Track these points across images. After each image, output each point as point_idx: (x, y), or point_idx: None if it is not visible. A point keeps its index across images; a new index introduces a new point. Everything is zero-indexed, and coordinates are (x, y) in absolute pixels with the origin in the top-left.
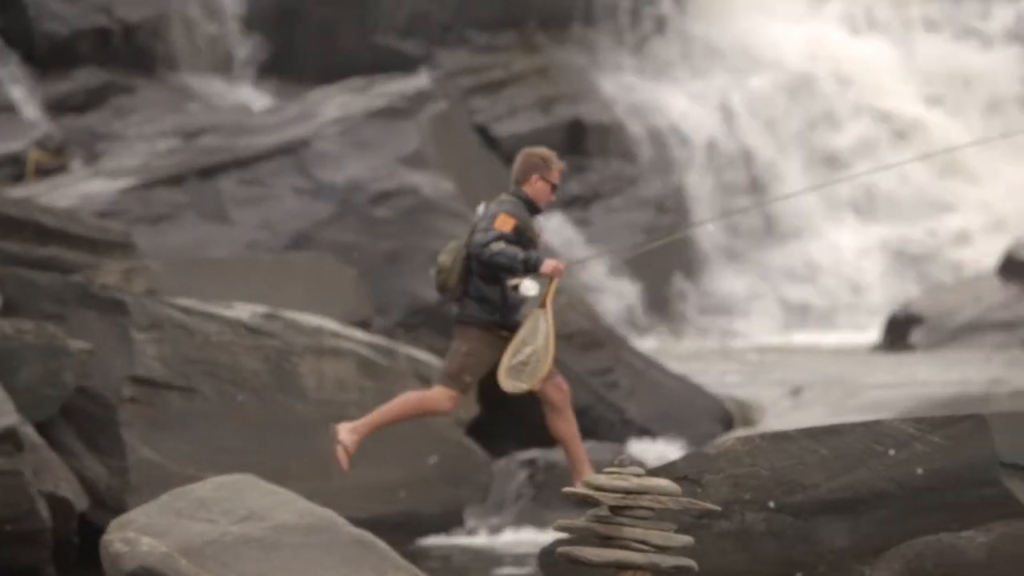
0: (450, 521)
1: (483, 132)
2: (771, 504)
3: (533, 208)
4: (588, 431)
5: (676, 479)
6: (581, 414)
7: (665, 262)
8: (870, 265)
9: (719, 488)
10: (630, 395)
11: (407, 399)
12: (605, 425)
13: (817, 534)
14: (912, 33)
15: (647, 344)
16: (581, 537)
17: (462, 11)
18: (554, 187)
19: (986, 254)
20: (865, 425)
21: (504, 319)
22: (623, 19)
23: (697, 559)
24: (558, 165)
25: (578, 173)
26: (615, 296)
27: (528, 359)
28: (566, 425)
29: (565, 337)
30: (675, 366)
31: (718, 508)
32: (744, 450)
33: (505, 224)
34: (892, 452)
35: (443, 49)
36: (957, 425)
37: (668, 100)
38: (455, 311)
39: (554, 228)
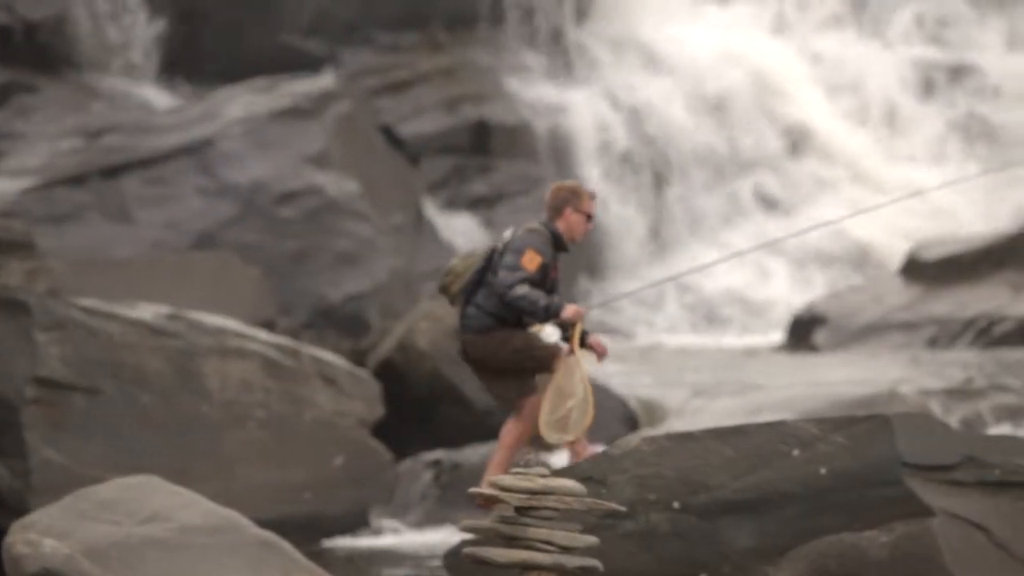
0: (355, 522)
1: (388, 132)
2: (676, 504)
3: (559, 243)
4: (493, 432)
5: (581, 480)
6: (486, 415)
7: (569, 263)
8: (774, 266)
9: (624, 489)
10: None
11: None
12: None
13: (721, 534)
14: (816, 36)
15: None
16: (486, 538)
17: (367, 11)
18: (589, 217)
19: (888, 256)
20: (770, 426)
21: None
22: (529, 20)
23: (602, 559)
24: (588, 194)
25: (483, 173)
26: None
27: (570, 411)
28: (518, 434)
29: None
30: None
31: (623, 509)
32: (649, 451)
33: (532, 262)
34: (796, 452)
35: (348, 49)
36: (860, 425)
37: (573, 101)
38: (463, 322)
39: (459, 229)
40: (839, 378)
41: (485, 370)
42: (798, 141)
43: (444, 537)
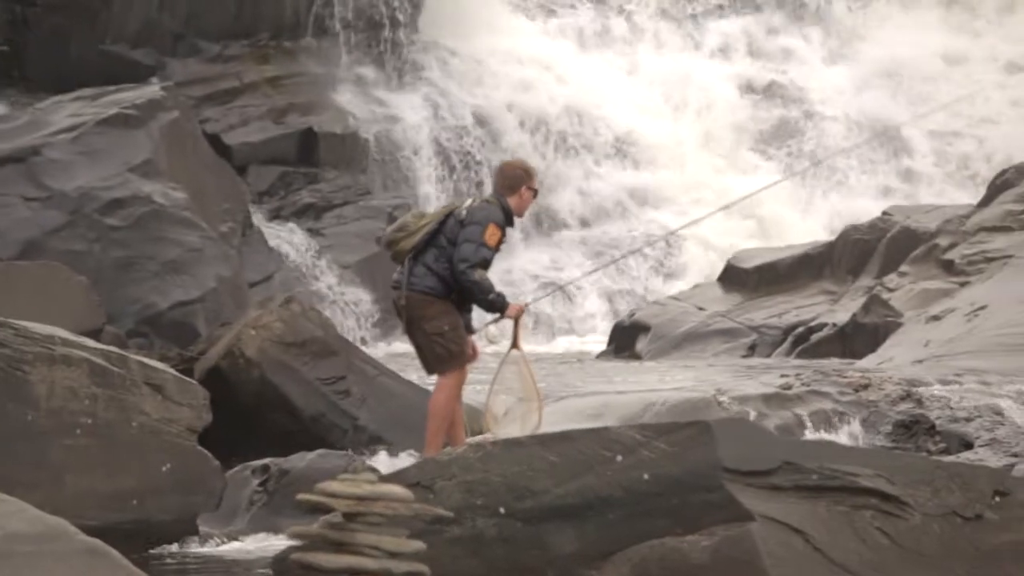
0: (183, 529)
1: (215, 141)
2: (502, 510)
3: (509, 219)
4: (320, 439)
5: (409, 485)
6: (313, 422)
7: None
8: (596, 275)
9: (451, 494)
10: (362, 402)
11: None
12: (338, 432)
13: (546, 539)
14: (637, 47)
15: (382, 351)
16: (314, 543)
17: (193, 21)
18: (535, 193)
19: (707, 264)
20: (593, 432)
21: (457, 306)
22: (356, 30)
23: (429, 564)
24: (535, 172)
25: (310, 183)
26: (348, 303)
27: (519, 406)
28: (441, 402)
29: (298, 345)
30: (408, 373)
31: (450, 514)
32: (476, 456)
33: (493, 237)
34: (619, 458)
35: (174, 59)
36: (682, 432)
37: (401, 111)
38: (401, 278)
39: (286, 238)
40: (661, 385)
41: (413, 330)
42: (617, 151)
43: (272, 543)
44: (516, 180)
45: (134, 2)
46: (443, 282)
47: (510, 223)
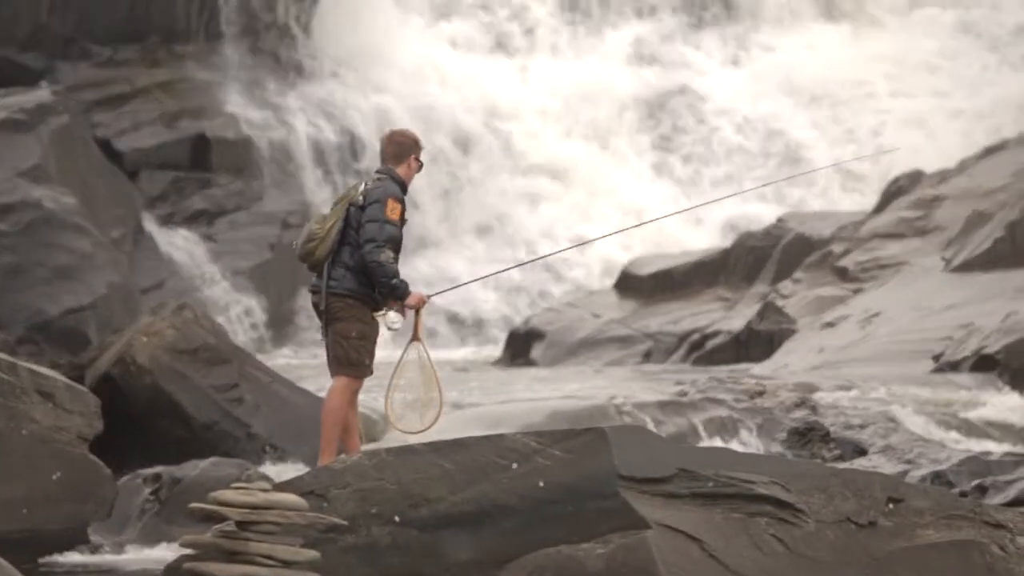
0: (74, 538)
1: (106, 146)
2: (397, 518)
3: (403, 189)
4: (213, 447)
5: (303, 494)
6: (206, 430)
7: (290, 277)
8: (492, 281)
9: (346, 503)
10: (256, 410)
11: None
12: (231, 441)
13: (441, 547)
14: (534, 53)
15: (276, 358)
16: (207, 553)
17: (84, 25)
18: (421, 165)
19: (604, 271)
20: (488, 439)
21: (376, 301)
22: (248, 34)
23: (323, 573)
24: (422, 144)
25: (203, 188)
26: (242, 310)
27: (420, 398)
28: (335, 405)
29: (190, 352)
30: (303, 381)
31: (344, 522)
32: (370, 464)
33: (394, 211)
34: (515, 466)
35: (65, 63)
36: (577, 439)
37: (293, 116)
38: (320, 282)
39: (178, 243)
40: (557, 392)
41: (327, 331)
42: (517, 156)
43: (164, 553)
44: (404, 149)
45: (23, 5)
46: (364, 280)
47: (405, 192)
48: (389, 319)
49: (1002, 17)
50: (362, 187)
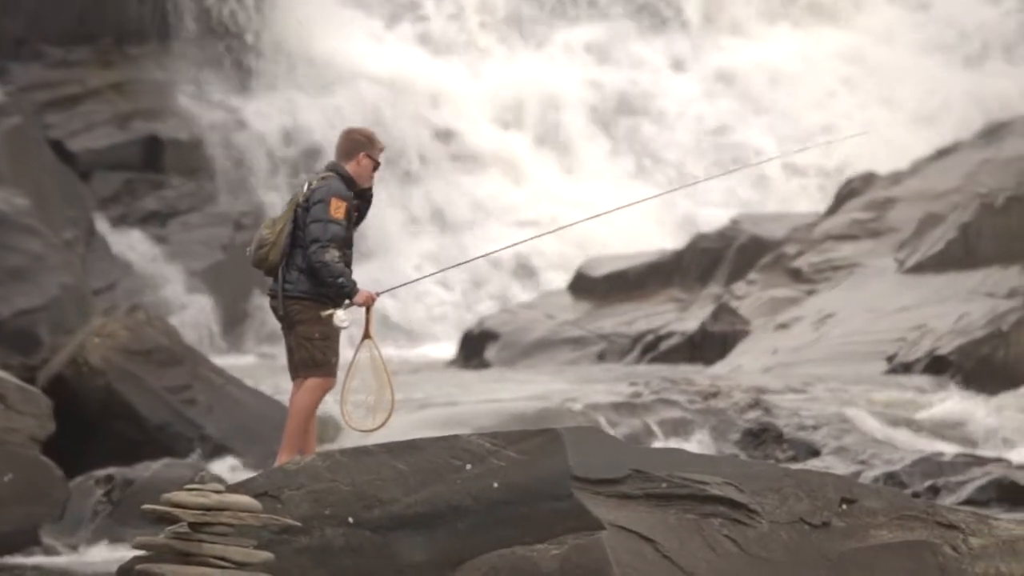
0: (25, 540)
1: (58, 147)
2: (350, 519)
3: (351, 186)
4: (166, 448)
5: (256, 495)
6: (159, 431)
7: (243, 278)
8: (447, 280)
9: (299, 504)
10: (209, 411)
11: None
12: (184, 442)
13: (395, 548)
14: (485, 53)
15: (229, 360)
16: (160, 554)
17: (35, 25)
18: (377, 165)
19: (559, 272)
20: (442, 440)
21: (332, 297)
22: (201, 35)
23: (277, 575)
24: (380, 143)
25: (155, 189)
26: (194, 312)
27: (373, 396)
28: (301, 408)
29: (143, 353)
30: (257, 383)
31: (298, 524)
32: (324, 465)
33: (339, 210)
34: (469, 467)
35: (16, 63)
36: (531, 440)
37: (246, 117)
38: (276, 287)
39: (131, 245)
40: (511, 393)
41: (287, 333)
42: (465, 158)
43: (117, 554)
44: (353, 145)
45: None
46: (318, 281)
47: (351, 189)
48: (337, 317)
49: (954, 17)
50: (306, 187)
